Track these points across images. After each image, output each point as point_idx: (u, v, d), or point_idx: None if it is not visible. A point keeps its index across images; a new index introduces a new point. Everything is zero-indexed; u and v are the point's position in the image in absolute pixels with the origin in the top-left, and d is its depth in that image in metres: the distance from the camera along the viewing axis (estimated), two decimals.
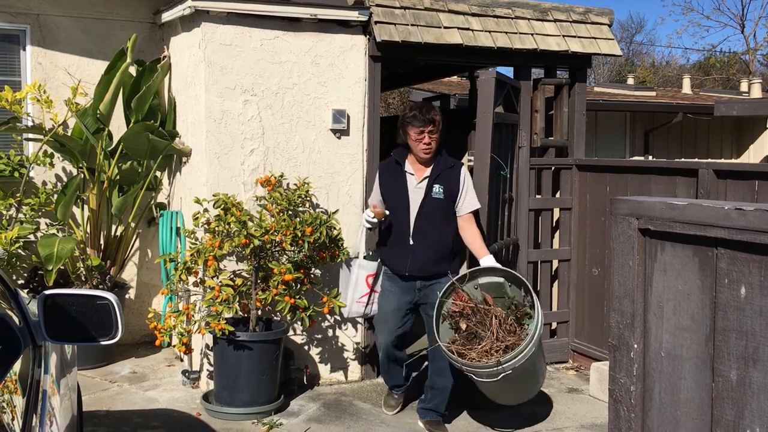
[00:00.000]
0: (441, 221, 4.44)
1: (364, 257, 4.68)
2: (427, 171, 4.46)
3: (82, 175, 5.77)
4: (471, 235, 4.48)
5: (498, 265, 4.33)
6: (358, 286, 4.66)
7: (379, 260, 4.65)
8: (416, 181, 4.47)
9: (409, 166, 4.50)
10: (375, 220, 4.42)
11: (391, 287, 4.54)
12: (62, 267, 5.38)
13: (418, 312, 4.63)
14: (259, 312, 5.02)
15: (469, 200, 4.50)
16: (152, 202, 6.12)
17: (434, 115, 4.37)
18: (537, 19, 5.98)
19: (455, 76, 10.99)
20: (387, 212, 4.50)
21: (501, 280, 4.25)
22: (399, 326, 4.54)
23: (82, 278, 5.71)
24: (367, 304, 4.69)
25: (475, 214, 4.62)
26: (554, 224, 6.20)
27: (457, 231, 4.50)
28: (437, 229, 4.43)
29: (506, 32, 5.78)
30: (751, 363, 1.37)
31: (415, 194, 4.44)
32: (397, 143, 4.58)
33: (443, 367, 4.43)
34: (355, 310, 4.75)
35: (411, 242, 4.41)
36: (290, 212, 5.08)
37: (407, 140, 4.45)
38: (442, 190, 4.43)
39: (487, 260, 4.34)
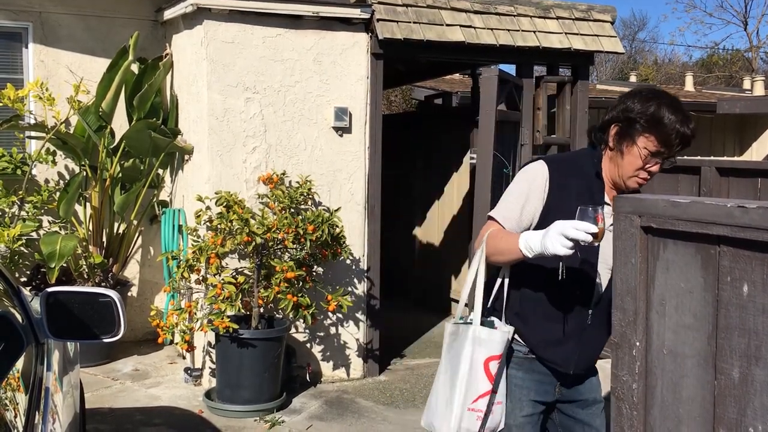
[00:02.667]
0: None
1: (482, 322, 2.44)
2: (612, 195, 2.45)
3: (85, 173, 5.77)
4: None
5: None
6: (472, 377, 2.38)
7: (508, 331, 2.47)
8: (609, 214, 2.26)
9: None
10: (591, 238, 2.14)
11: (524, 380, 2.55)
12: (65, 264, 5.38)
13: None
14: (262, 310, 5.02)
15: None
16: (154, 199, 6.12)
17: (694, 130, 2.45)
18: (539, 17, 5.97)
19: (457, 74, 10.97)
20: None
21: None
22: None
23: (85, 276, 5.71)
24: (486, 414, 2.41)
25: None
26: None
27: None
28: (611, 294, 2.38)
29: (508, 30, 5.77)
30: (754, 361, 1.37)
31: (606, 238, 2.21)
32: (595, 143, 2.50)
33: None
34: (466, 426, 2.37)
35: (589, 320, 2.50)
36: (292, 210, 5.08)
37: (619, 147, 2.40)
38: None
39: None
